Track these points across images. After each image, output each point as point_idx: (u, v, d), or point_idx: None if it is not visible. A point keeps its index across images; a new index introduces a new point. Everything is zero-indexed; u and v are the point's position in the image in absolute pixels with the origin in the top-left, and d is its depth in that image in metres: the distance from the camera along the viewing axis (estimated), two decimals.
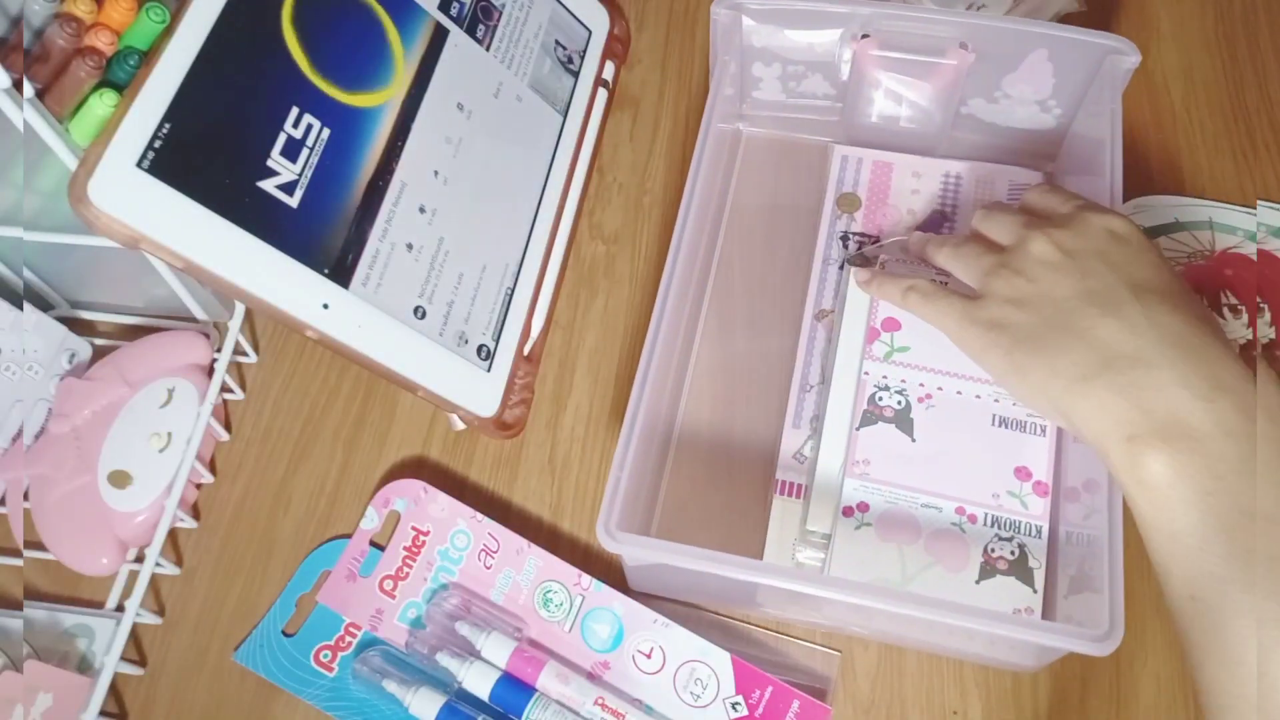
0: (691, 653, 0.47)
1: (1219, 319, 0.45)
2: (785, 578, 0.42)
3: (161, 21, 0.44)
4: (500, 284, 0.54)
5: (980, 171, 0.58)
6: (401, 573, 0.50)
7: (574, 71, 0.62)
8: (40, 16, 0.43)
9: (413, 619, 0.49)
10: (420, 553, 0.51)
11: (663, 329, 0.47)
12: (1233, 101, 0.63)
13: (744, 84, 0.60)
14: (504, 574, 0.50)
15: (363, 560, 0.51)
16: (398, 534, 0.51)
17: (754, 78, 0.60)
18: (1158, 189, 0.60)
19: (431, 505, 0.52)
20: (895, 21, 0.54)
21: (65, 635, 0.50)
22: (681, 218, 0.50)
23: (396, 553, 0.51)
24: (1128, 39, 0.52)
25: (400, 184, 0.50)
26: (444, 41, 0.54)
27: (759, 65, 0.59)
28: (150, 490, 0.51)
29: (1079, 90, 0.55)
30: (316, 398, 0.58)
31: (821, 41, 0.56)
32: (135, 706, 0.50)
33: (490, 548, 0.51)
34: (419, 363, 0.49)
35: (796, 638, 0.49)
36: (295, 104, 0.47)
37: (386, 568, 0.51)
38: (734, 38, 0.56)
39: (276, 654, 0.49)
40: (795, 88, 0.60)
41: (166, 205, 0.42)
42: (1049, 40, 0.53)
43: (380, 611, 0.50)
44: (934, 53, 0.55)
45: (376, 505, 0.52)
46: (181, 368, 0.54)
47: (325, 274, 0.46)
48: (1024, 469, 0.48)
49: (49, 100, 0.43)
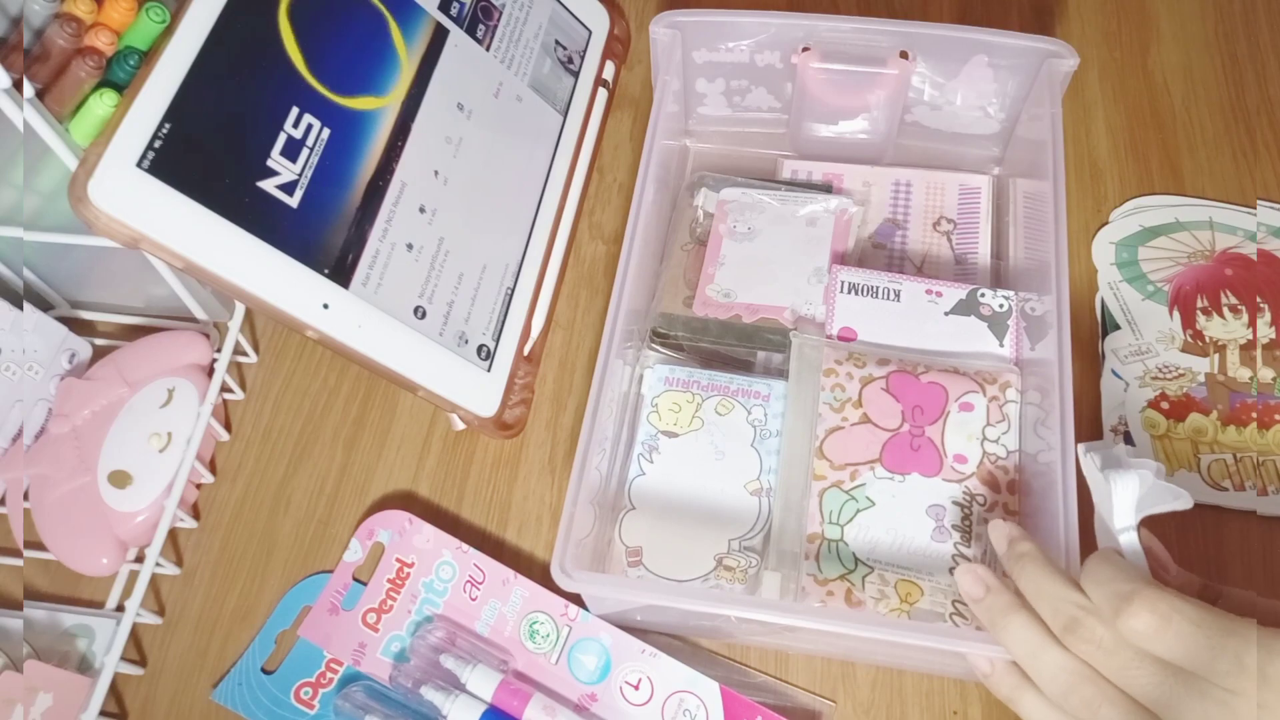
0: (680, 683, 0.47)
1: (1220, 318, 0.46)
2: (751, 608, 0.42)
3: (161, 21, 0.44)
4: (500, 284, 0.54)
5: (930, 178, 0.59)
6: (385, 605, 0.50)
7: (574, 71, 0.62)
8: (40, 16, 0.43)
9: (396, 652, 0.49)
10: (404, 585, 0.50)
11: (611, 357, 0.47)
12: (1233, 101, 0.63)
13: (688, 100, 0.60)
14: (489, 605, 0.49)
15: (345, 594, 0.50)
16: (382, 566, 0.50)
17: (698, 93, 0.60)
18: (1158, 189, 0.60)
19: (416, 536, 0.51)
20: (835, 33, 0.54)
21: (65, 635, 0.50)
22: (628, 242, 0.50)
23: (380, 585, 0.50)
24: (1065, 42, 0.52)
25: (400, 184, 0.50)
26: (444, 41, 0.54)
27: (702, 81, 0.59)
28: (150, 490, 0.51)
29: (1020, 94, 0.55)
30: (316, 398, 0.58)
31: (762, 56, 0.56)
32: (135, 706, 0.50)
33: (476, 579, 0.50)
34: (419, 363, 0.49)
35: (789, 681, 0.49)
36: (295, 104, 0.47)
37: (370, 600, 0.50)
38: (674, 55, 0.56)
39: (256, 692, 0.49)
40: (740, 102, 0.60)
41: (166, 205, 0.42)
42: (988, 46, 0.53)
43: (363, 645, 0.49)
44: (875, 63, 0.55)
45: (360, 537, 0.52)
46: (181, 368, 0.54)
47: (325, 274, 0.46)
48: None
49: (49, 100, 0.43)
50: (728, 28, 0.55)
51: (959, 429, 0.49)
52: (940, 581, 0.46)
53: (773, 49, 0.56)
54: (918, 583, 0.46)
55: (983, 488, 0.48)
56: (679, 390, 0.52)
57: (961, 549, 0.47)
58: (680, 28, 0.55)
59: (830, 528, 0.48)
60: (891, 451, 0.49)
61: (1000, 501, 0.47)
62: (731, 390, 0.52)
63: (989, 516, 0.47)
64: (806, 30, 0.54)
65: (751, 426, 0.51)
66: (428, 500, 0.54)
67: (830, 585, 0.46)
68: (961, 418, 0.49)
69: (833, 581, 0.46)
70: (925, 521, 0.47)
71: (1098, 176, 0.61)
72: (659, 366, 0.53)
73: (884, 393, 0.50)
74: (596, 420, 0.46)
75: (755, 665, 0.49)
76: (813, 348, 0.52)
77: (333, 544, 0.53)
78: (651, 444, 0.51)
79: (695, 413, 0.52)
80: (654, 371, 0.53)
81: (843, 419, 0.50)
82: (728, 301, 0.55)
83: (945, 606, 0.45)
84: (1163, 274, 0.57)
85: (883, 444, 0.49)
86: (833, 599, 0.46)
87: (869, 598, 0.46)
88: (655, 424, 0.51)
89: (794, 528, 0.48)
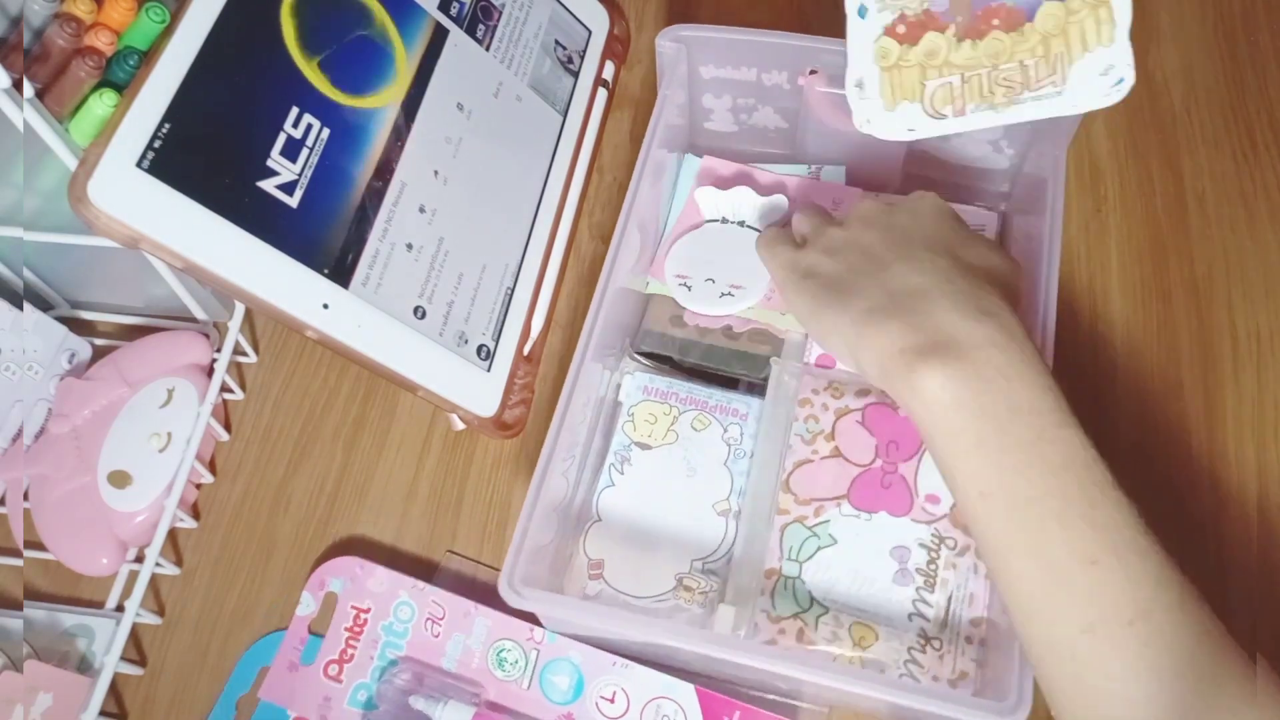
0: (655, 690, 0.46)
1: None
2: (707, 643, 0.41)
3: (161, 21, 0.44)
4: (500, 284, 0.54)
5: None
6: (346, 655, 0.49)
7: (574, 71, 0.62)
8: (40, 16, 0.43)
9: (364, 701, 0.48)
10: (363, 631, 0.49)
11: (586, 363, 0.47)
12: (1233, 101, 0.62)
13: (694, 114, 0.60)
14: (454, 640, 0.48)
15: (303, 648, 0.49)
16: (337, 615, 0.49)
17: (705, 109, 0.59)
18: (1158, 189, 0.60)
19: (370, 580, 0.50)
20: (842, 57, 0.52)
21: (65, 635, 0.50)
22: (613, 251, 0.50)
23: (338, 634, 0.49)
24: None
25: (400, 184, 0.50)
26: (444, 41, 0.54)
27: (709, 97, 0.58)
28: (150, 490, 0.51)
29: (1029, 132, 0.54)
30: (316, 398, 0.58)
31: (770, 75, 0.56)
32: (135, 706, 0.50)
33: (436, 615, 0.49)
34: (419, 363, 0.49)
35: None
36: (295, 104, 0.47)
37: (329, 652, 0.49)
38: (679, 69, 0.55)
39: None
40: (746, 120, 0.59)
41: (166, 205, 0.42)
42: None
43: (328, 699, 0.48)
44: None
45: (312, 589, 0.50)
46: (181, 368, 0.54)
47: (325, 274, 0.46)
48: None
49: (49, 100, 0.43)
50: (734, 45, 0.55)
51: (934, 467, 0.45)
52: (898, 629, 0.44)
53: (780, 69, 0.55)
54: (873, 627, 0.45)
55: (954, 530, 0.46)
56: (656, 401, 0.52)
57: (924, 594, 0.45)
58: (685, 42, 0.55)
59: (789, 564, 0.46)
60: (860, 488, 0.47)
61: (973, 545, 0.46)
62: (710, 406, 0.51)
63: (958, 562, 0.46)
64: (814, 52, 0.53)
65: (726, 445, 0.51)
66: (427, 500, 0.54)
67: (783, 624, 0.45)
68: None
69: (785, 620, 0.45)
70: (888, 563, 0.46)
71: (1097, 176, 0.61)
72: (639, 374, 0.53)
73: (859, 426, 0.49)
74: (564, 428, 0.46)
75: None
76: (791, 375, 0.51)
77: (282, 600, 0.52)
78: (624, 455, 0.51)
79: (671, 425, 0.51)
80: (633, 379, 0.52)
81: (813, 451, 0.48)
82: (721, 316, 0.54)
83: (900, 654, 0.44)
84: None
85: (852, 480, 0.48)
86: (784, 637, 0.45)
87: (821, 639, 0.45)
88: (630, 434, 0.51)
89: (755, 561, 0.47)
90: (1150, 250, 0.58)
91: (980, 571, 0.45)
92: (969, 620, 0.45)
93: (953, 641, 0.44)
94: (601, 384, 0.51)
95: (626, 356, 0.53)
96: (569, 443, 0.47)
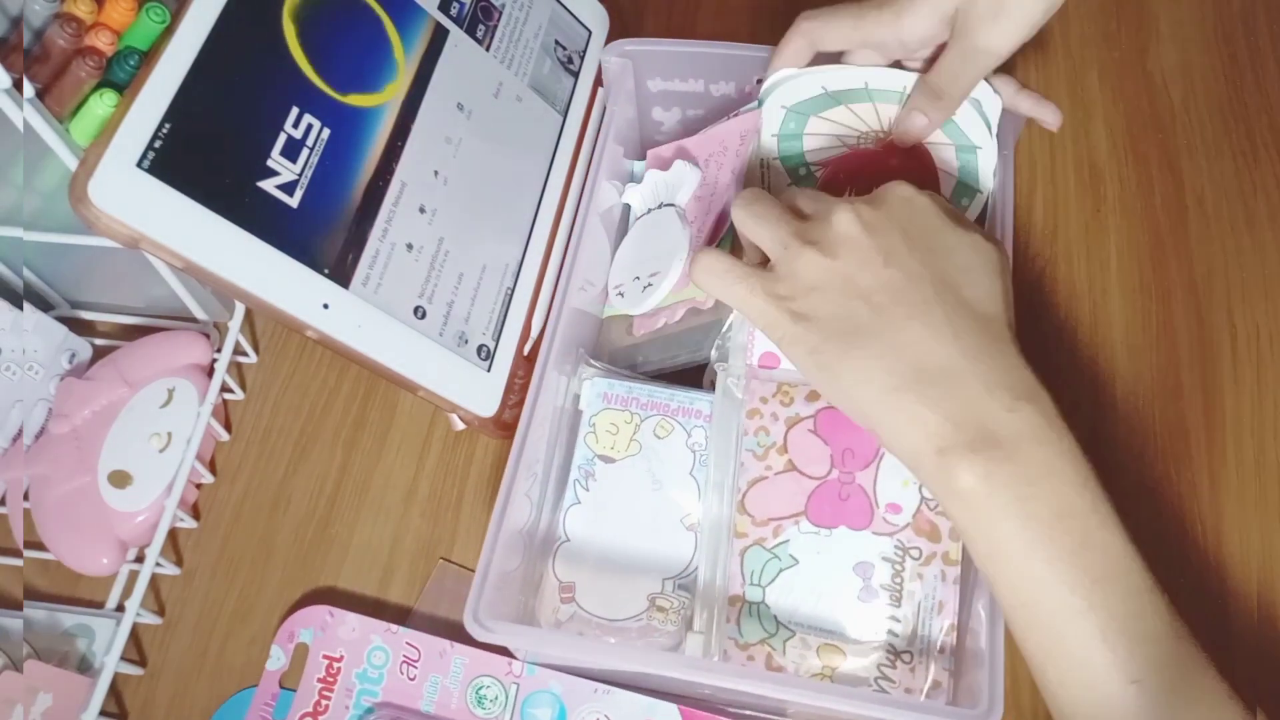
0: (638, 713, 0.46)
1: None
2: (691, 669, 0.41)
3: (162, 21, 0.44)
4: (500, 284, 0.54)
5: None
6: (320, 706, 0.48)
7: (574, 71, 0.62)
8: (40, 16, 0.43)
9: None
10: (337, 680, 0.48)
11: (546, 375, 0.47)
12: (1233, 101, 0.63)
13: (644, 128, 0.59)
14: (430, 681, 0.48)
15: (275, 704, 0.48)
16: (309, 666, 0.48)
17: (655, 121, 0.59)
18: (1157, 188, 0.60)
19: (340, 628, 0.49)
20: None
21: (65, 635, 0.50)
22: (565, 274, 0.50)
23: (311, 686, 0.48)
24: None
25: (400, 184, 0.50)
26: (444, 42, 0.54)
27: (658, 109, 0.58)
28: (150, 490, 0.51)
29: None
30: (316, 398, 0.58)
31: (718, 86, 0.55)
32: (135, 706, 0.50)
33: (411, 657, 0.48)
34: (419, 363, 0.49)
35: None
36: (295, 104, 0.47)
37: (302, 705, 0.48)
38: (625, 83, 0.55)
39: None
40: (697, 131, 0.58)
41: (166, 205, 0.42)
42: None
43: None
44: None
45: (281, 642, 0.49)
46: (181, 368, 0.54)
47: (325, 274, 0.46)
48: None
49: (49, 100, 0.43)
50: (681, 58, 0.54)
51: (892, 474, 0.46)
52: (866, 646, 0.44)
53: (727, 79, 0.55)
54: (840, 647, 0.44)
55: (918, 539, 0.45)
56: (617, 409, 0.50)
57: (891, 609, 0.44)
58: (631, 57, 0.54)
59: (751, 589, 0.45)
60: (818, 503, 0.46)
61: (939, 552, 0.44)
62: (671, 409, 0.50)
63: (924, 572, 0.44)
64: (760, 62, 0.53)
65: (691, 451, 0.49)
66: (427, 501, 0.54)
67: (751, 650, 0.44)
68: (895, 461, 0.41)
69: (753, 646, 0.44)
70: (852, 580, 0.45)
71: (1097, 177, 0.61)
72: (597, 380, 0.51)
73: (811, 434, 0.47)
74: (525, 451, 0.45)
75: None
76: (736, 383, 0.49)
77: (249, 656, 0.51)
78: (588, 469, 0.49)
79: (633, 435, 0.50)
80: (592, 385, 0.51)
81: (766, 467, 0.47)
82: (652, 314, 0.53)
83: (870, 671, 0.43)
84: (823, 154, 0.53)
85: (809, 494, 0.46)
86: (753, 664, 0.44)
87: (790, 663, 0.44)
88: (593, 447, 0.50)
89: (719, 587, 0.46)
90: (1150, 250, 0.58)
91: (948, 578, 0.44)
92: (939, 629, 0.44)
93: (924, 653, 0.44)
94: (560, 393, 0.51)
95: (583, 363, 0.52)
96: (530, 461, 0.46)
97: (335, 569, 0.53)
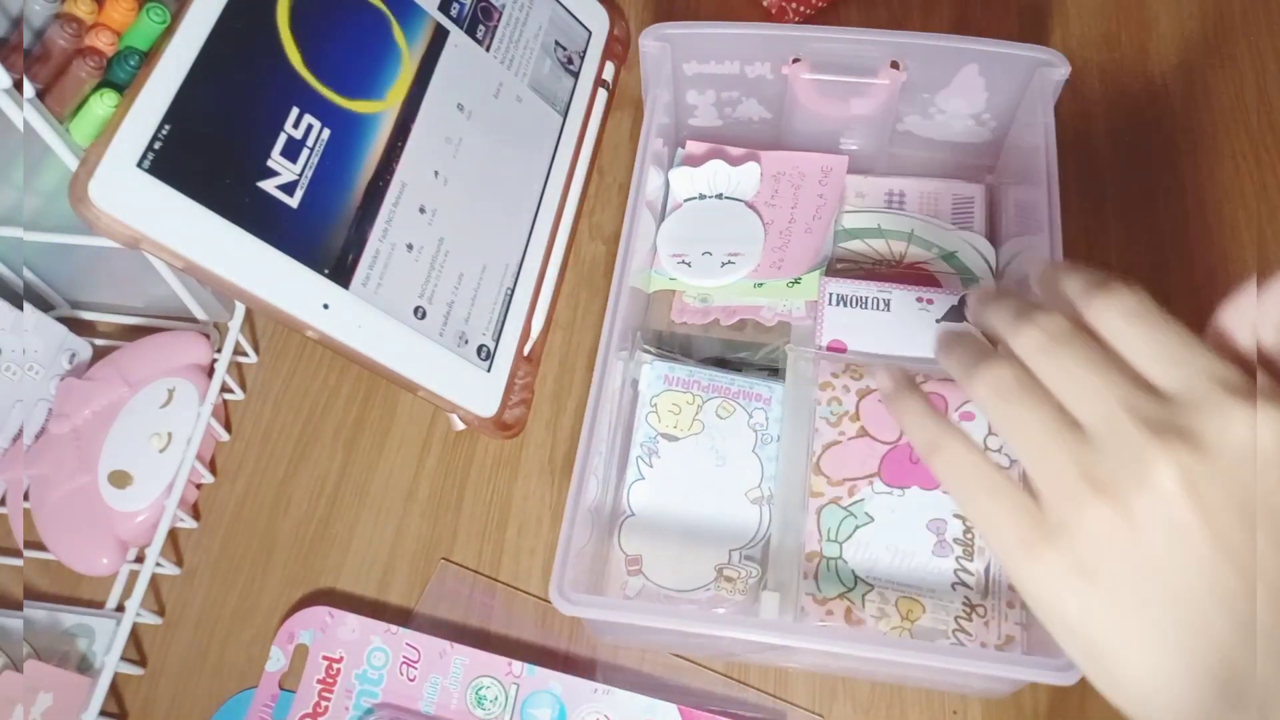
0: (637, 713, 0.46)
1: None
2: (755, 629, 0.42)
3: (162, 22, 0.44)
4: (500, 284, 0.54)
5: (923, 187, 0.59)
6: (320, 708, 0.48)
7: (574, 72, 0.62)
8: (41, 17, 0.43)
9: None
10: (336, 681, 0.48)
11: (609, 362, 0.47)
12: (1233, 101, 0.63)
13: (679, 112, 0.60)
14: (430, 682, 0.48)
15: (274, 705, 0.48)
16: (309, 667, 0.48)
17: (689, 105, 0.59)
18: (1158, 190, 0.60)
19: (340, 629, 0.49)
20: (824, 44, 0.54)
21: (65, 635, 0.50)
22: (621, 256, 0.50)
23: (310, 688, 0.48)
24: (1060, 50, 0.52)
25: (400, 184, 0.50)
26: (444, 42, 0.54)
27: (693, 93, 0.58)
28: (150, 490, 0.51)
29: (1012, 103, 0.55)
30: (316, 398, 0.58)
31: (753, 68, 0.56)
32: (135, 706, 0.50)
33: (410, 658, 0.48)
34: (419, 363, 0.49)
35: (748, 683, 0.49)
36: (295, 104, 0.47)
37: (302, 706, 0.48)
38: (664, 68, 0.55)
39: None
40: (731, 114, 0.59)
41: (167, 205, 0.42)
42: (979, 56, 0.53)
43: None
44: (866, 73, 0.54)
45: (280, 643, 0.49)
46: (181, 368, 0.54)
47: (325, 274, 0.46)
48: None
49: (49, 100, 0.43)
50: (718, 40, 0.55)
51: None
52: (942, 599, 0.46)
53: (763, 60, 0.55)
54: (919, 600, 0.46)
55: None
56: (679, 390, 0.52)
57: (964, 563, 0.46)
58: (670, 40, 0.55)
59: (829, 545, 0.47)
60: (890, 465, 0.48)
61: None
62: (732, 392, 0.52)
63: None
64: (797, 41, 0.54)
65: (753, 431, 0.51)
66: (427, 501, 0.54)
67: (830, 604, 0.46)
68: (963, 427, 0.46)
69: (832, 600, 0.46)
70: (926, 536, 0.47)
71: (1097, 177, 0.61)
72: (657, 363, 0.53)
73: (882, 405, 0.49)
74: (595, 429, 0.45)
75: (727, 675, 0.49)
76: (807, 361, 0.51)
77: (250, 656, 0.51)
78: (651, 446, 0.51)
79: (696, 415, 0.51)
80: (652, 368, 0.52)
81: (840, 433, 0.49)
82: (704, 306, 0.54)
83: (948, 624, 0.45)
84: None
85: (881, 458, 0.49)
86: (832, 618, 0.46)
87: (869, 616, 0.45)
88: (655, 425, 0.51)
89: (792, 546, 0.47)
90: (1150, 251, 0.58)
91: None
92: (1009, 584, 0.45)
93: (996, 607, 0.45)
94: (615, 375, 0.51)
95: (639, 349, 0.53)
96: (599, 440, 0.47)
97: (335, 569, 0.53)
